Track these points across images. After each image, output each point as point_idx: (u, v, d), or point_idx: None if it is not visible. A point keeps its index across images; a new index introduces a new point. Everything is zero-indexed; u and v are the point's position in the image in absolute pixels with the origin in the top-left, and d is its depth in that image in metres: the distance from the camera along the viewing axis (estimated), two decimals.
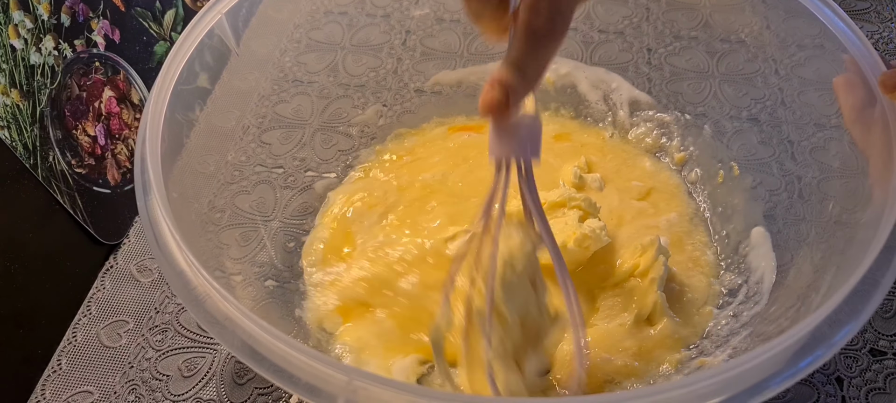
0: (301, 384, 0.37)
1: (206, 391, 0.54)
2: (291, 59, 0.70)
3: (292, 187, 0.64)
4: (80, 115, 0.61)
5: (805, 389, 0.52)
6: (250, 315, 0.39)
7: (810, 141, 0.59)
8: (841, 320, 0.38)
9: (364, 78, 0.72)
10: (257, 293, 0.55)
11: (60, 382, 0.55)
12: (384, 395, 0.36)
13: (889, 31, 0.77)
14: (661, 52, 0.71)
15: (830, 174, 0.56)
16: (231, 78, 0.60)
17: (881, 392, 0.52)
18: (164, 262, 0.42)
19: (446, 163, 0.67)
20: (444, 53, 0.74)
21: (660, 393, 0.36)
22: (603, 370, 0.52)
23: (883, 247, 0.40)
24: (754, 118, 0.65)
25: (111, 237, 0.62)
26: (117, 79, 0.65)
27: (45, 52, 0.57)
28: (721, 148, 0.65)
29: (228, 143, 0.61)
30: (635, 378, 0.52)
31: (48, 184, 0.57)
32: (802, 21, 0.55)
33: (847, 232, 0.49)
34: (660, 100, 0.69)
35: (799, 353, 0.37)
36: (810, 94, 0.60)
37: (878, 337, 0.55)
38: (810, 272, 0.50)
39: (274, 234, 0.61)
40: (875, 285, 0.39)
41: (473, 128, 0.71)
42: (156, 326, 0.57)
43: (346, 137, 0.69)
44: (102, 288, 0.60)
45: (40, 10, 0.57)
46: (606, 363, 0.53)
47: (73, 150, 0.60)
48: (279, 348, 0.37)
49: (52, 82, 0.58)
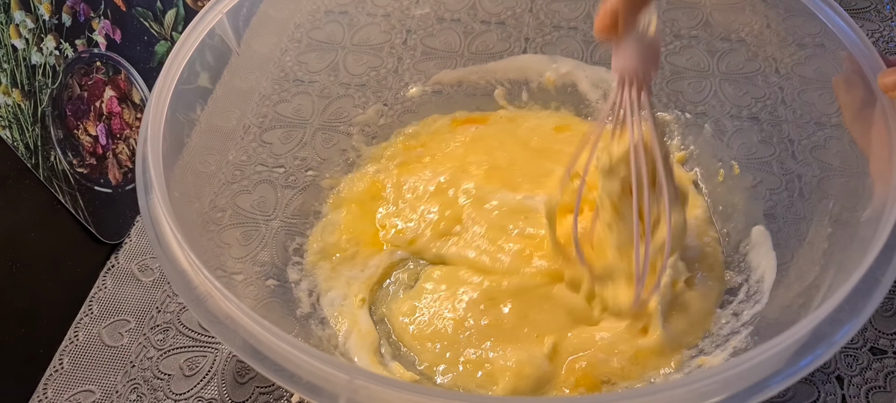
0: (302, 383, 0.37)
1: (207, 390, 0.54)
2: (292, 59, 0.70)
3: (293, 186, 0.64)
4: (82, 115, 0.61)
5: (806, 388, 0.52)
6: (252, 314, 0.39)
7: (811, 139, 0.59)
8: (841, 319, 0.38)
9: (365, 77, 0.72)
10: (258, 292, 0.55)
11: (62, 381, 0.55)
12: (385, 394, 0.36)
13: (889, 30, 0.77)
14: (662, 50, 0.71)
15: (831, 172, 0.56)
16: (232, 77, 0.60)
17: (881, 391, 0.52)
18: (166, 261, 0.42)
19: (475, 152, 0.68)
20: (444, 52, 0.74)
21: (660, 392, 0.36)
22: (600, 370, 0.52)
23: (883, 246, 0.40)
24: (755, 117, 0.65)
25: (113, 236, 0.62)
26: (118, 78, 0.65)
27: (47, 52, 0.57)
28: (721, 146, 0.65)
29: (229, 143, 0.61)
30: (633, 380, 0.52)
31: (50, 183, 0.57)
32: (802, 20, 0.55)
33: (847, 231, 0.49)
34: (660, 98, 0.69)
35: (799, 352, 0.37)
36: (811, 93, 0.60)
37: (878, 336, 0.55)
38: (811, 271, 0.50)
39: (275, 233, 0.61)
40: (875, 283, 0.39)
41: (478, 120, 0.71)
42: (157, 325, 0.58)
43: (347, 136, 0.69)
44: (104, 288, 0.60)
45: (41, 10, 0.57)
46: (603, 363, 0.53)
47: (74, 150, 0.60)
48: (280, 347, 0.37)
49: (54, 82, 0.58)
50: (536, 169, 0.66)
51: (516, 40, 0.75)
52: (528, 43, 0.75)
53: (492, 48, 0.74)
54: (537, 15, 0.77)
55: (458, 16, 0.76)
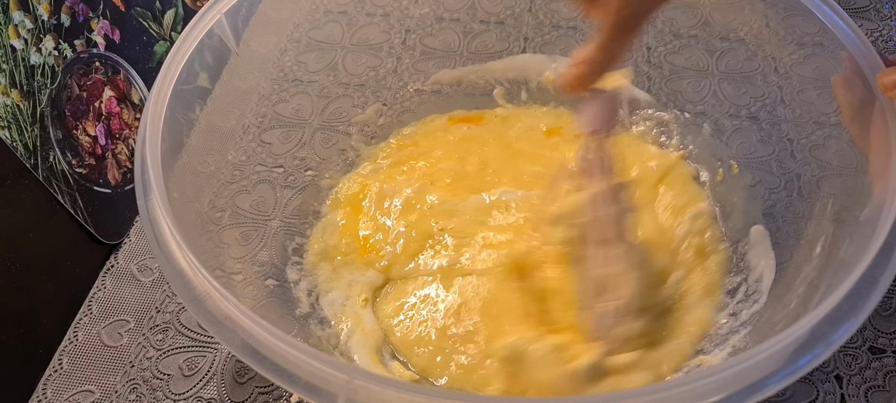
0: (301, 383, 0.37)
1: (206, 390, 0.54)
2: (291, 59, 0.70)
3: (292, 186, 0.64)
4: (81, 115, 0.61)
5: (804, 387, 0.52)
6: (251, 314, 0.39)
7: (809, 139, 0.59)
8: (840, 318, 0.38)
9: (364, 77, 0.72)
10: (258, 292, 0.55)
11: (62, 381, 0.55)
12: (384, 394, 0.36)
13: (888, 29, 0.77)
14: (661, 50, 0.71)
15: (830, 172, 0.56)
16: (231, 77, 0.60)
17: (881, 390, 0.52)
18: (165, 262, 0.42)
19: (450, 158, 0.68)
20: (443, 52, 0.74)
21: (660, 391, 0.36)
22: None
23: (882, 245, 0.40)
24: (753, 116, 0.65)
25: (112, 236, 0.62)
26: (117, 78, 0.65)
27: (46, 52, 0.57)
28: (720, 146, 0.65)
29: (228, 143, 0.61)
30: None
31: (49, 183, 0.57)
32: (801, 19, 0.55)
33: (846, 230, 0.49)
34: (659, 98, 0.69)
35: (798, 351, 0.37)
36: (809, 92, 0.60)
37: (877, 335, 0.55)
38: (809, 270, 0.50)
39: (274, 233, 0.61)
40: (874, 283, 0.39)
41: (473, 119, 0.71)
42: (157, 325, 0.58)
43: (346, 136, 0.69)
44: (103, 288, 0.60)
45: (40, 11, 0.57)
46: None
47: (73, 150, 0.60)
48: (279, 347, 0.37)
49: (53, 82, 0.58)
50: (513, 169, 0.66)
51: (515, 40, 0.75)
52: (527, 42, 0.75)
53: (491, 48, 0.74)
54: (536, 14, 0.77)
55: (458, 15, 0.76)
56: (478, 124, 0.71)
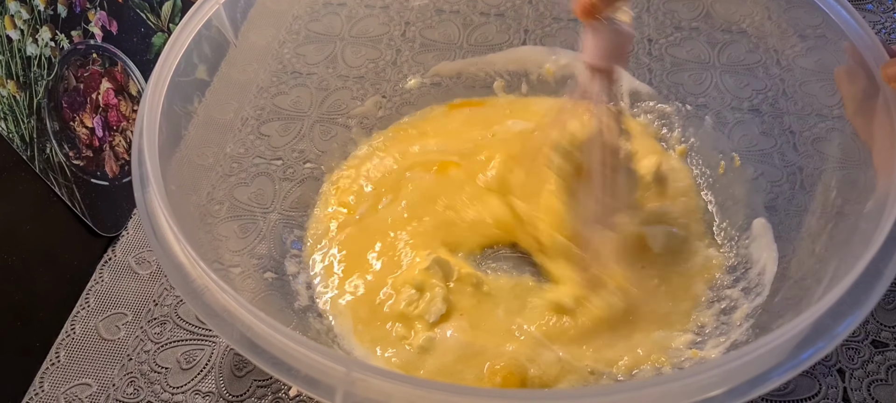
0: (300, 376, 0.36)
1: (204, 383, 0.54)
2: (290, 51, 0.70)
3: (291, 179, 0.64)
4: (78, 107, 0.61)
5: (807, 381, 0.52)
6: (249, 307, 0.38)
7: (812, 131, 0.58)
8: (843, 311, 0.37)
9: (363, 69, 0.71)
10: (256, 285, 0.55)
11: (59, 374, 0.54)
12: (383, 386, 0.36)
13: (892, 21, 0.77)
14: (662, 42, 0.71)
15: (832, 164, 0.55)
16: (229, 69, 0.59)
17: (883, 384, 0.52)
18: (162, 255, 0.41)
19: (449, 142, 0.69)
20: (443, 44, 0.74)
21: (661, 384, 0.36)
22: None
23: (886, 238, 0.40)
24: (756, 109, 0.64)
25: (109, 229, 0.62)
26: (115, 70, 0.64)
27: (42, 43, 0.57)
28: (722, 138, 0.65)
29: (227, 135, 0.61)
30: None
31: (46, 175, 0.56)
32: (804, 11, 0.55)
33: (849, 223, 0.48)
34: (661, 90, 0.69)
35: (801, 345, 0.36)
36: (812, 85, 0.60)
37: (880, 329, 0.55)
38: (812, 263, 0.50)
39: (273, 226, 0.60)
40: (877, 276, 0.38)
41: (474, 103, 0.71)
42: (154, 318, 0.57)
43: (345, 129, 0.68)
44: (101, 281, 0.60)
45: (36, 1, 0.56)
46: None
47: (70, 142, 0.59)
48: (278, 340, 0.37)
49: (49, 74, 0.58)
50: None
51: (515, 32, 0.75)
52: (527, 34, 0.74)
53: (491, 40, 0.74)
54: (536, 6, 0.76)
55: (457, 7, 0.75)
56: (480, 107, 0.71)
